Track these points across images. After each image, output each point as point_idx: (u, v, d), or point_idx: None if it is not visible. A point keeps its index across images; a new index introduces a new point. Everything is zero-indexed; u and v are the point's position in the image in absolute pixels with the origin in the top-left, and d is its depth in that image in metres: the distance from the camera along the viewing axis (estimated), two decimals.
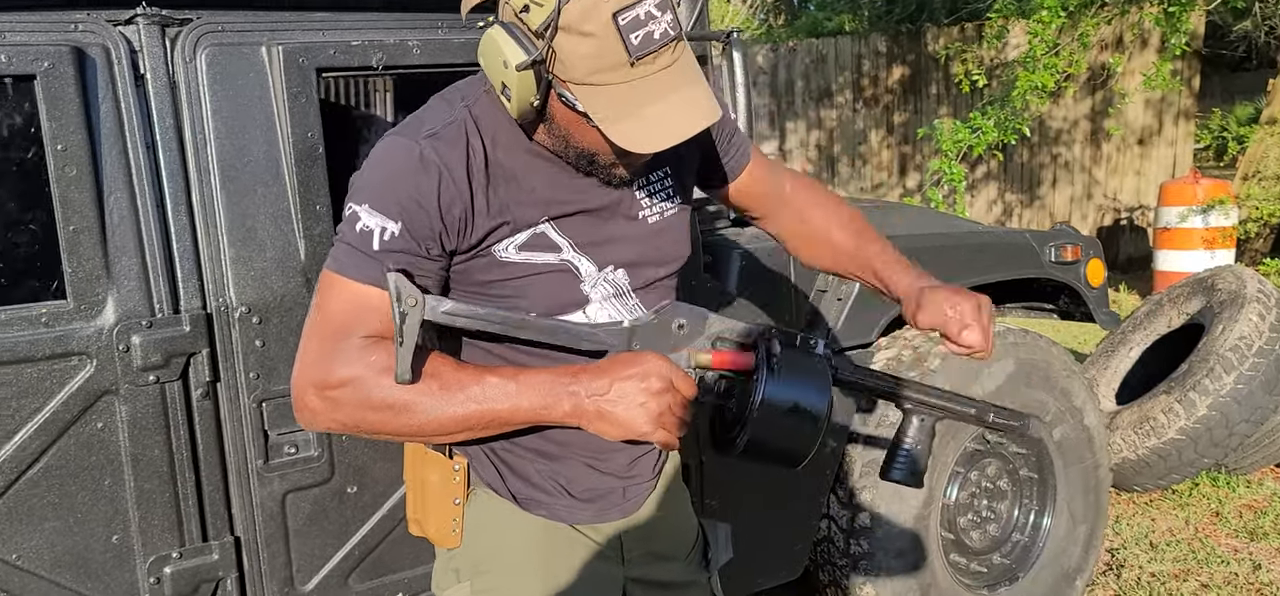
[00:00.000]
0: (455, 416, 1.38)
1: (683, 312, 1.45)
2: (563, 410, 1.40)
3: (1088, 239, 3.41)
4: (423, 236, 1.38)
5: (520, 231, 1.44)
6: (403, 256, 1.37)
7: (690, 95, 1.31)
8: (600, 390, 1.39)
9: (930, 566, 2.98)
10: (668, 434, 1.42)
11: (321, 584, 2.17)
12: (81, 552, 1.96)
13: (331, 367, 1.36)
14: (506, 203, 1.43)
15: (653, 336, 1.45)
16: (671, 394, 1.40)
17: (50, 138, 1.84)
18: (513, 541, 1.56)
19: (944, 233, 3.14)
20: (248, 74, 2.02)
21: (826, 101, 10.12)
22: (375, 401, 1.36)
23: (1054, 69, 7.18)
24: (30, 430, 1.87)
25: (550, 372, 1.41)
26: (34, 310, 1.87)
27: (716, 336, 1.47)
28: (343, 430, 1.40)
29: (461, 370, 1.39)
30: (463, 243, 1.42)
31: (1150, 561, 3.79)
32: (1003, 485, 3.19)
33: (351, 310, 1.37)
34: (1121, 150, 9.55)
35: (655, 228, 1.56)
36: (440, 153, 1.38)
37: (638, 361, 1.40)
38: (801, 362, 1.44)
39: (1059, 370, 3.16)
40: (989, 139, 7.14)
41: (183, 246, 1.99)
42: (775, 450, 1.45)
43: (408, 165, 1.38)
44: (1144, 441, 4.10)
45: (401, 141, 1.41)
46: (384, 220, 1.36)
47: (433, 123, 1.42)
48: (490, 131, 1.44)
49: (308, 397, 1.38)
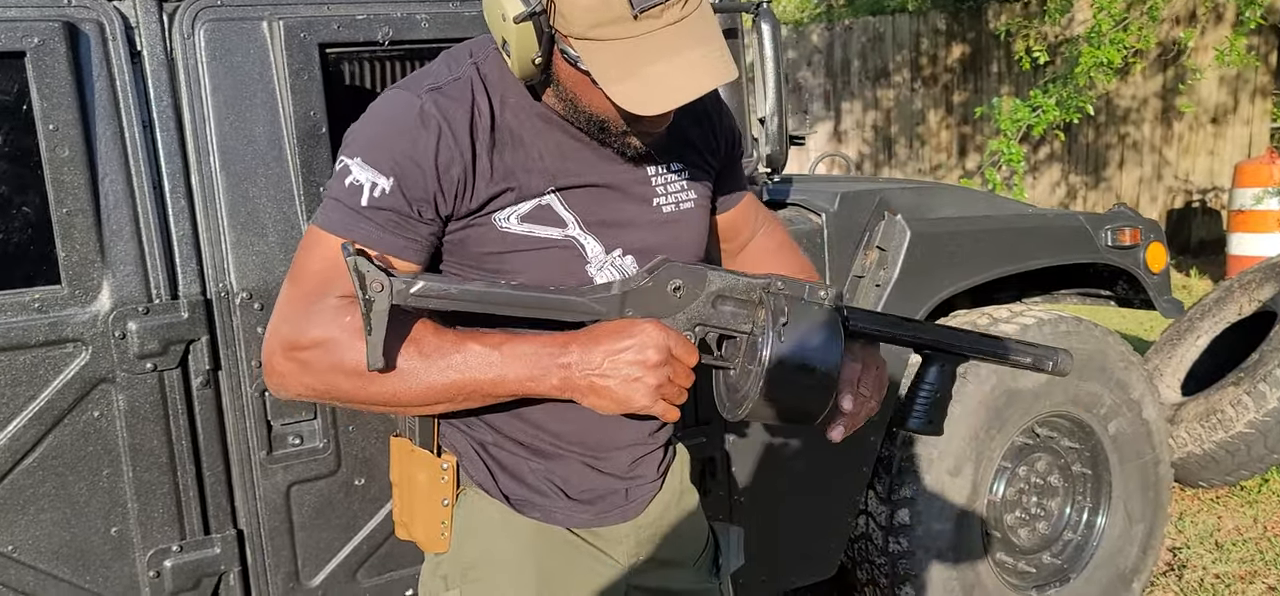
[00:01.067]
0: (434, 385, 1.28)
1: (678, 273, 1.33)
2: (551, 383, 1.30)
3: (1147, 221, 3.22)
4: (416, 197, 1.28)
5: (524, 201, 1.34)
6: (391, 216, 1.28)
7: (699, 54, 1.19)
8: (593, 364, 1.28)
9: (974, 566, 2.83)
10: (667, 406, 1.31)
11: (328, 578, 2.10)
12: (80, 545, 1.90)
13: (303, 327, 1.27)
14: (512, 168, 1.33)
15: (647, 301, 1.33)
16: (670, 364, 1.30)
17: (42, 117, 1.78)
18: (505, 546, 1.46)
19: (990, 215, 2.98)
20: (248, 50, 1.94)
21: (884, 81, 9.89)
22: (348, 366, 1.26)
23: (1121, 44, 6.89)
24: (24, 419, 1.82)
25: (538, 341, 1.30)
26: (27, 295, 1.81)
27: (717, 294, 1.35)
28: (314, 396, 1.31)
29: (442, 336, 1.29)
30: (460, 207, 1.32)
31: (1215, 562, 3.60)
32: (1054, 481, 3.03)
33: (330, 268, 1.28)
34: (1194, 129, 9.20)
35: (670, 217, 1.46)
36: (443, 108, 1.29)
37: (632, 330, 1.29)
38: (809, 315, 1.33)
39: (1115, 360, 2.99)
40: (1050, 118, 6.88)
41: (181, 230, 1.92)
42: (786, 410, 1.34)
43: (406, 119, 1.29)
44: (1210, 435, 3.90)
45: (402, 94, 1.32)
46: (375, 175, 1.27)
47: (438, 76, 1.33)
48: (499, 91, 1.34)
49: (276, 359, 1.29)
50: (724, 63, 1.21)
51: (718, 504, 2.53)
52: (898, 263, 2.65)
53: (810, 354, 1.31)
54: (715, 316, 1.36)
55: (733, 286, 1.36)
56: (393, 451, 1.54)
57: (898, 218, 2.67)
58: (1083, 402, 2.95)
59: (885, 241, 2.67)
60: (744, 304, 1.36)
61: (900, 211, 2.70)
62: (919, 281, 2.69)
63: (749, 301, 1.36)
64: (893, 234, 2.67)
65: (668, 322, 1.33)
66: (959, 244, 2.79)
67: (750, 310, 1.37)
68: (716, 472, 2.51)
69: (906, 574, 2.77)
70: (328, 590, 2.10)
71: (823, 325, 1.33)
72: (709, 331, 1.37)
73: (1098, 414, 2.99)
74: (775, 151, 2.50)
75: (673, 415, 1.33)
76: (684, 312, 1.35)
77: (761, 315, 1.34)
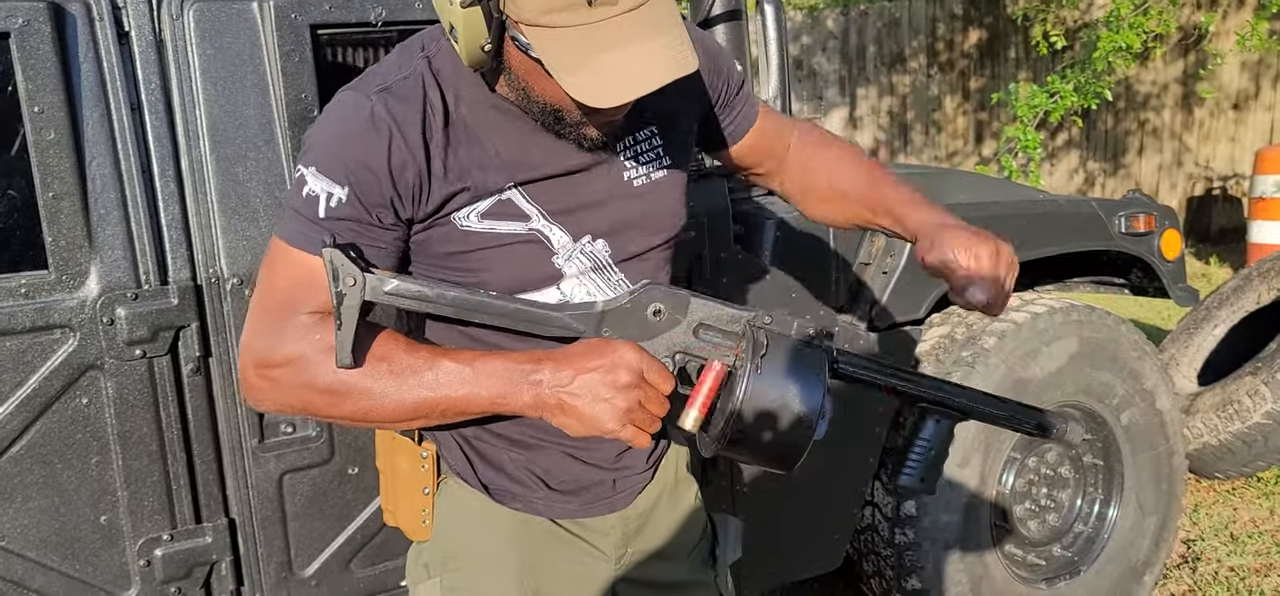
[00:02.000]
0: (405, 403, 1.26)
1: (660, 296, 1.29)
2: (523, 401, 1.27)
3: (1163, 207, 3.15)
4: (373, 203, 1.25)
5: (482, 198, 1.30)
6: (351, 225, 1.24)
7: (659, 43, 1.14)
8: (563, 382, 1.25)
9: (982, 558, 2.79)
10: (636, 431, 1.27)
11: (321, 569, 2.07)
12: (69, 533, 1.88)
13: (273, 345, 1.25)
14: (467, 166, 1.29)
15: (625, 322, 1.29)
16: (641, 388, 1.26)
17: (27, 99, 1.75)
18: (484, 536, 1.43)
19: (1000, 200, 2.92)
20: (238, 31, 1.91)
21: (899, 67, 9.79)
22: (319, 384, 1.24)
23: (1141, 29, 6.79)
24: (11, 406, 1.80)
25: (511, 359, 1.27)
26: (12, 281, 1.78)
27: (699, 323, 1.31)
28: (289, 412, 1.30)
29: (414, 352, 1.26)
30: (419, 211, 1.28)
31: (1230, 554, 3.53)
32: (1064, 472, 2.98)
33: (297, 284, 1.25)
34: (1215, 115, 9.07)
35: (640, 191, 1.41)
36: (392, 109, 1.25)
37: (606, 351, 1.26)
38: (792, 354, 1.27)
39: (1127, 350, 2.93)
40: (1067, 104, 6.78)
41: (170, 214, 1.89)
42: (760, 452, 1.28)
43: (357, 124, 1.25)
44: (1227, 425, 3.83)
45: (352, 96, 1.28)
46: (330, 185, 1.23)
47: (388, 75, 1.29)
48: (452, 85, 1.30)
49: (249, 375, 1.27)
50: (684, 52, 1.15)
51: (721, 495, 2.49)
52: (905, 250, 2.60)
53: (788, 396, 1.25)
54: (695, 345, 1.32)
55: (716, 316, 1.31)
56: (378, 438, 1.51)
57: None
58: (1094, 393, 2.90)
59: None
60: (726, 335, 1.32)
61: None
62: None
63: (732, 333, 1.32)
64: None
65: (646, 347, 1.29)
66: None
67: (733, 342, 1.32)
68: (718, 463, 2.47)
69: (913, 566, 2.73)
70: (321, 580, 2.08)
71: (805, 366, 1.27)
72: (689, 360, 1.32)
73: (1110, 404, 2.93)
74: None
75: (642, 441, 1.29)
76: (663, 338, 1.31)
77: (741, 349, 1.29)
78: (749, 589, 2.65)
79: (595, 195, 1.37)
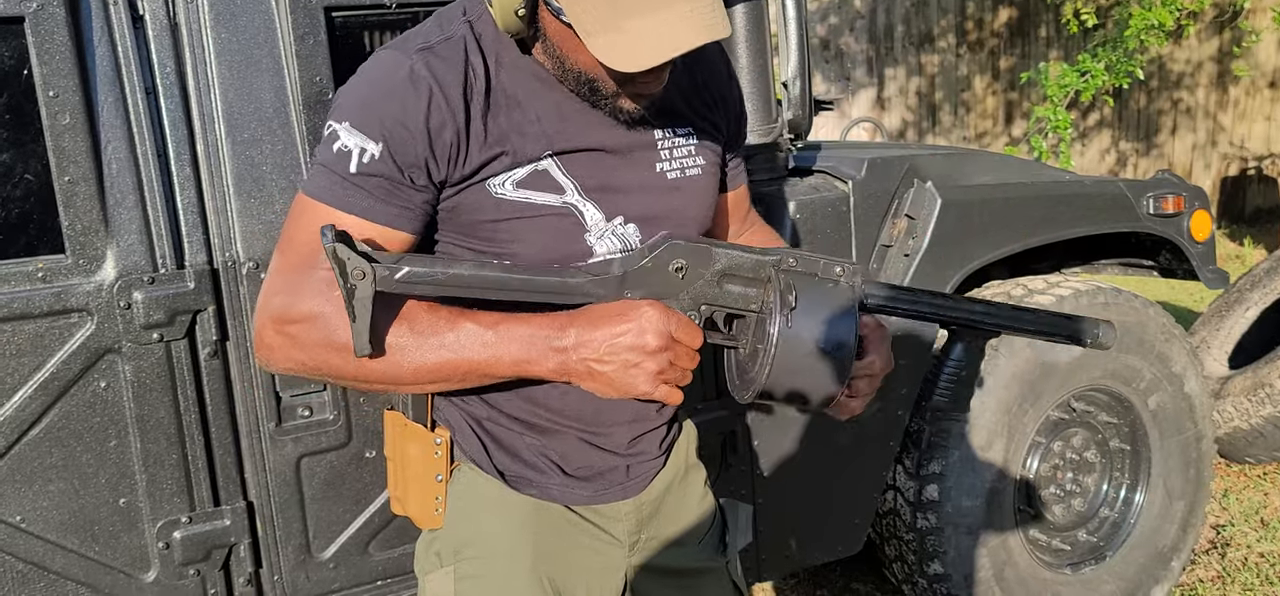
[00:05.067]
0: (426, 364, 1.24)
1: (682, 251, 1.27)
2: (547, 366, 1.25)
3: (1192, 188, 3.09)
4: (407, 163, 1.23)
5: (520, 166, 1.29)
6: (382, 182, 1.23)
7: (688, 7, 1.12)
8: (591, 348, 1.23)
9: (1005, 543, 2.76)
10: (670, 390, 1.26)
11: (340, 551, 2.08)
12: (88, 516, 1.90)
13: (292, 302, 1.23)
14: (506, 131, 1.27)
15: (649, 281, 1.27)
16: (671, 349, 1.24)
17: (42, 83, 1.76)
18: (499, 524, 1.42)
19: (1025, 182, 2.87)
20: (252, 14, 1.90)
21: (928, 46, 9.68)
22: (338, 342, 1.22)
23: (1174, 6, 6.67)
24: (30, 389, 1.81)
25: (535, 322, 1.25)
26: (30, 265, 1.79)
27: (723, 272, 1.29)
28: (303, 372, 1.26)
29: (436, 313, 1.24)
30: (454, 173, 1.27)
31: (1260, 540, 3.48)
32: (1090, 457, 2.93)
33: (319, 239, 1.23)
34: (1250, 94, 8.91)
35: (674, 184, 1.39)
36: (434, 69, 1.24)
37: (632, 313, 1.24)
38: (821, 293, 1.26)
39: (1155, 333, 2.88)
40: (1098, 83, 6.67)
41: (186, 198, 1.89)
42: (796, 392, 1.27)
43: (396, 81, 1.23)
44: (1258, 409, 3.77)
45: (392, 55, 1.26)
46: (364, 140, 1.22)
47: (429, 36, 1.28)
48: (494, 50, 1.28)
49: (266, 332, 1.25)
50: (715, 18, 1.13)
51: (739, 479, 2.47)
52: (928, 231, 2.56)
53: (821, 334, 1.24)
54: (721, 296, 1.30)
55: (740, 264, 1.29)
56: (387, 425, 1.50)
57: (928, 184, 2.57)
58: (1121, 376, 2.85)
59: (914, 209, 2.58)
60: (752, 282, 1.30)
61: (931, 178, 2.60)
62: (949, 251, 2.60)
63: (758, 279, 1.30)
64: (922, 202, 2.58)
65: (671, 303, 1.27)
66: (992, 212, 2.69)
67: (759, 288, 1.30)
68: (737, 446, 2.45)
69: (935, 550, 2.70)
70: (339, 562, 2.08)
71: (835, 303, 1.26)
72: (715, 310, 1.31)
73: (1137, 388, 2.89)
74: (798, 116, 2.42)
75: (676, 398, 1.28)
76: (688, 292, 1.29)
77: (770, 294, 1.28)
78: (770, 572, 2.63)
79: (629, 179, 1.35)
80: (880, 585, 3.23)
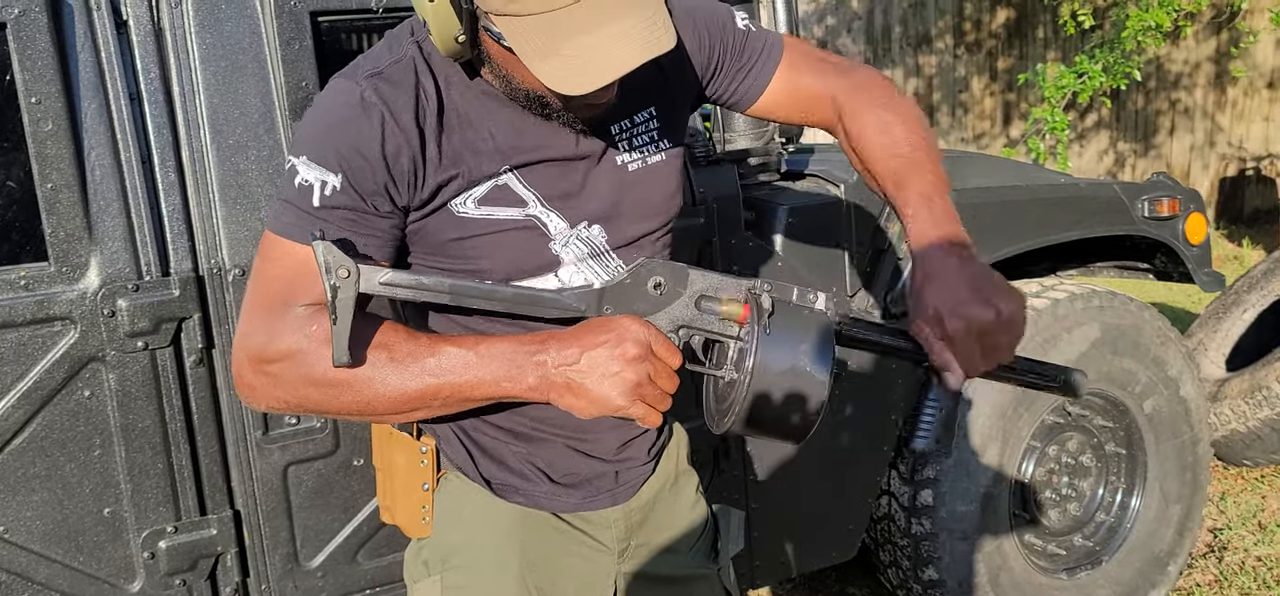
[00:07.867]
0: (408, 392, 1.22)
1: (660, 270, 1.26)
2: (528, 383, 1.23)
3: (1188, 190, 3.08)
4: (367, 190, 1.22)
5: (478, 184, 1.27)
6: (347, 214, 1.22)
7: (630, 23, 1.10)
8: (569, 360, 1.22)
9: (1000, 548, 2.74)
10: (647, 409, 1.24)
11: (328, 560, 2.06)
12: (72, 526, 1.88)
13: (269, 340, 1.22)
14: (460, 151, 1.26)
15: (628, 298, 1.26)
16: (650, 361, 1.22)
17: (24, 90, 1.74)
18: (486, 532, 1.41)
19: (1019, 184, 2.86)
20: (238, 19, 1.89)
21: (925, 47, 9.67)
22: (317, 377, 1.21)
23: (1171, 6, 6.65)
24: (12, 399, 1.79)
25: (514, 341, 1.24)
26: (12, 273, 1.78)
27: (700, 294, 1.28)
28: (286, 409, 1.26)
29: (415, 340, 1.23)
30: (414, 197, 1.25)
31: (1257, 543, 3.46)
32: (1086, 461, 2.92)
33: (292, 275, 1.22)
34: (1248, 95, 8.89)
35: (636, 176, 1.37)
36: (383, 94, 1.22)
37: (611, 326, 1.23)
38: (799, 320, 1.24)
39: (1151, 336, 2.87)
40: (1096, 84, 6.66)
41: (171, 205, 1.88)
42: (773, 423, 1.25)
43: (348, 110, 1.22)
44: (1255, 412, 3.76)
45: (343, 83, 1.25)
46: (324, 173, 1.20)
47: (378, 60, 1.27)
48: (443, 70, 1.27)
49: (245, 373, 1.24)
50: (656, 32, 1.11)
51: (733, 485, 2.46)
52: None
53: (798, 362, 1.22)
54: (699, 318, 1.29)
55: (718, 287, 1.28)
56: (374, 435, 1.49)
57: None
58: (1117, 380, 2.84)
59: None
60: (730, 303, 1.28)
61: None
62: None
63: (735, 301, 1.28)
64: None
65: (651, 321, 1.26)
66: (986, 215, 2.68)
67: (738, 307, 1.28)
68: (730, 452, 2.44)
69: (930, 556, 2.69)
70: (327, 571, 2.06)
71: (812, 332, 1.24)
72: (693, 334, 1.29)
73: (1132, 392, 2.87)
74: None
75: (653, 420, 1.25)
76: (666, 313, 1.28)
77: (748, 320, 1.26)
78: (764, 578, 2.62)
79: (591, 180, 1.34)
80: (875, 591, 3.21)
